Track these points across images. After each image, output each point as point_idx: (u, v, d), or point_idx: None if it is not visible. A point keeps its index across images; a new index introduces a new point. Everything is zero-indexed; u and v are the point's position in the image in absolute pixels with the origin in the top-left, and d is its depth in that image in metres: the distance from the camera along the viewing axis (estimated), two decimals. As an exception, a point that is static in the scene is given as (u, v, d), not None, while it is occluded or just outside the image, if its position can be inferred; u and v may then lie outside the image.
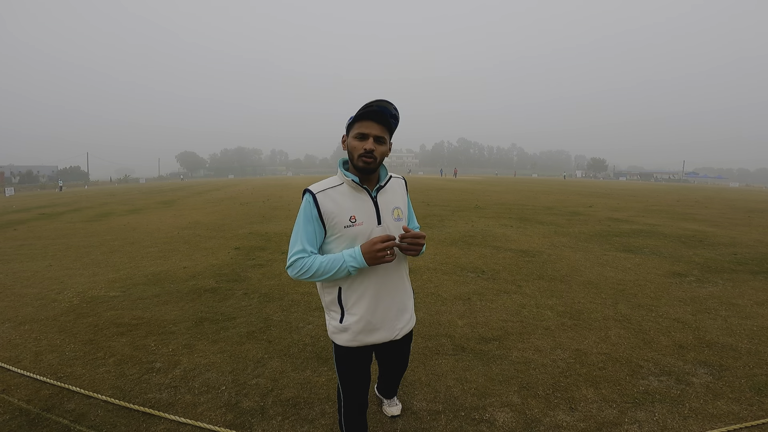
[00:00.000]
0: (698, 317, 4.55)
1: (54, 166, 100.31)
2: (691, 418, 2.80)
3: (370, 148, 1.84)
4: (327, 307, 2.06)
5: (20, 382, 3.30)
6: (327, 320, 2.08)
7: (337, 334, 2.02)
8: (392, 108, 1.85)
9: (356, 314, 1.98)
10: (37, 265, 7.42)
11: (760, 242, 9.10)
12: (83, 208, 19.83)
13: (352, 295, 1.97)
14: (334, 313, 2.02)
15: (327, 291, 2.02)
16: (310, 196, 1.90)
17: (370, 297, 1.98)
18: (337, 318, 2.00)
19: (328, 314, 2.07)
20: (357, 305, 1.98)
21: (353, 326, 1.99)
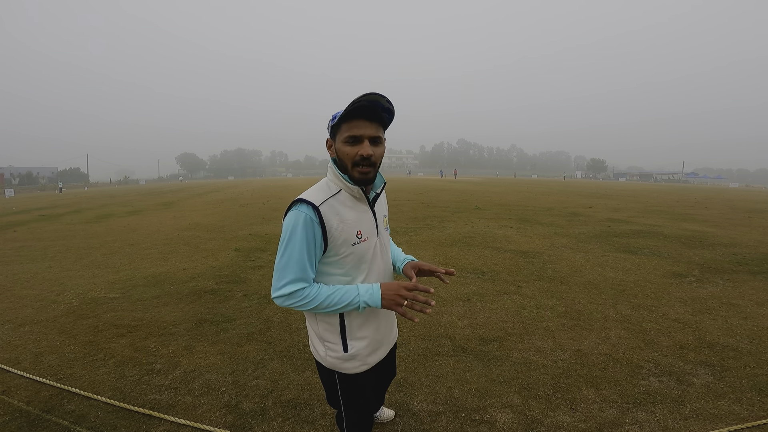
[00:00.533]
0: (698, 317, 4.55)
1: (54, 167, 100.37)
2: (692, 418, 2.79)
3: (368, 153, 1.54)
4: (321, 337, 1.75)
5: (20, 384, 3.30)
6: (321, 352, 1.77)
7: (343, 363, 1.74)
8: (385, 101, 1.52)
9: (365, 338, 1.75)
10: (36, 266, 7.42)
11: (760, 242, 9.10)
12: (83, 209, 19.83)
13: (357, 320, 1.72)
14: (331, 344, 1.73)
15: (323, 319, 1.72)
16: (310, 209, 1.56)
17: (374, 316, 1.78)
18: (339, 347, 1.72)
19: (323, 345, 1.75)
20: (363, 328, 1.75)
21: (362, 351, 1.75)
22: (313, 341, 1.83)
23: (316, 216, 1.55)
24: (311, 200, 1.58)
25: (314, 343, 1.81)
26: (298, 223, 1.55)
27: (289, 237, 1.56)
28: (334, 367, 1.77)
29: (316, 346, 1.80)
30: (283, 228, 1.60)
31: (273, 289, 1.60)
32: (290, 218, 1.58)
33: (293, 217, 1.57)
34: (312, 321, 1.78)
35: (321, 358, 1.79)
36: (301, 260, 1.55)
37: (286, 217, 1.60)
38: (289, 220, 1.58)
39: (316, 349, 1.81)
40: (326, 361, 1.77)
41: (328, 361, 1.77)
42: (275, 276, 1.59)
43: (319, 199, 1.59)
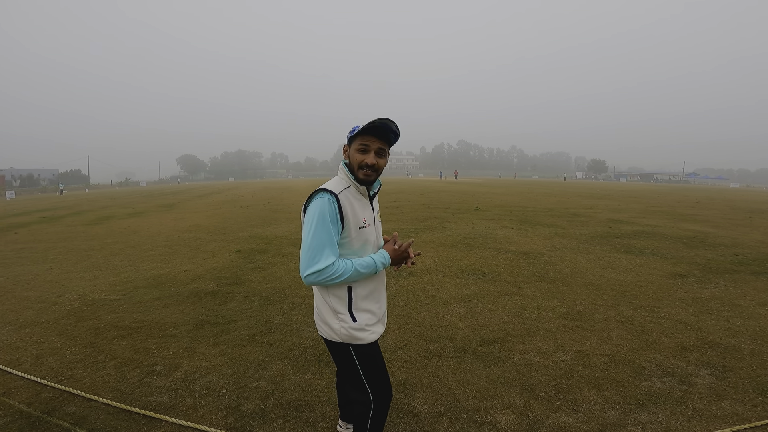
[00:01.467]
0: (700, 318, 4.54)
1: (55, 169, 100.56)
2: (695, 419, 2.78)
3: (372, 162, 1.91)
4: (334, 309, 1.98)
5: (21, 385, 3.29)
6: (335, 325, 1.98)
7: (356, 332, 1.97)
8: (394, 126, 1.91)
9: (368, 310, 2.01)
10: (37, 268, 7.42)
11: (762, 243, 9.08)
12: (84, 211, 19.85)
13: (362, 292, 1.99)
14: (343, 315, 1.96)
15: (335, 293, 1.97)
16: (332, 196, 1.87)
17: (377, 292, 2.08)
18: (349, 319, 1.96)
19: (335, 318, 1.98)
20: (366, 301, 2.00)
21: (369, 320, 2.00)
22: (325, 318, 2.01)
23: (336, 202, 1.86)
24: (331, 189, 1.89)
25: (326, 318, 2.00)
26: (324, 207, 1.83)
27: (318, 219, 1.82)
28: (349, 339, 1.98)
29: (329, 320, 1.99)
30: (309, 213, 1.86)
31: (305, 268, 1.81)
32: (317, 204, 1.85)
33: (319, 202, 1.84)
34: (325, 295, 2.00)
35: (335, 331, 1.98)
36: (330, 238, 1.83)
37: (312, 203, 1.87)
38: (315, 205, 1.85)
39: (328, 325, 2.00)
40: (340, 334, 1.97)
41: (341, 333, 1.97)
42: (306, 256, 1.82)
43: (337, 189, 1.91)
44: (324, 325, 2.02)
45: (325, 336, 2.04)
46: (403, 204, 18.11)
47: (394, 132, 1.94)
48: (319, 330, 2.07)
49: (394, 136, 1.96)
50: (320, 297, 2.03)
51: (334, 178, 2.02)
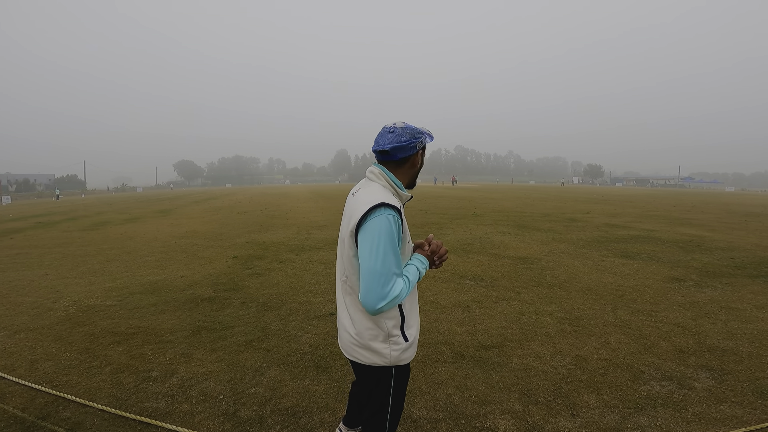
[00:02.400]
0: (698, 322, 4.54)
1: (51, 174, 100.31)
2: (695, 422, 2.78)
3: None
4: (389, 334, 1.78)
5: (15, 391, 3.26)
6: (385, 351, 1.79)
7: (403, 354, 1.82)
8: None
9: (414, 324, 1.89)
10: (33, 273, 7.37)
11: (758, 246, 9.12)
12: (80, 217, 19.77)
13: (407, 306, 1.83)
14: (396, 338, 1.79)
15: (388, 316, 1.77)
16: (396, 213, 1.68)
17: (415, 301, 1.95)
18: (401, 339, 1.80)
19: (387, 343, 1.78)
20: (413, 315, 1.88)
21: (415, 337, 1.88)
22: (369, 345, 1.79)
23: (399, 218, 1.70)
24: (394, 204, 1.70)
25: (373, 344, 1.79)
26: (392, 225, 1.65)
27: (387, 239, 1.63)
28: (396, 361, 1.81)
29: (377, 347, 1.79)
30: (374, 232, 1.63)
31: (377, 298, 1.60)
32: (381, 221, 1.64)
33: (384, 220, 1.64)
34: (379, 320, 1.77)
35: (383, 358, 1.79)
36: (398, 259, 1.67)
37: (374, 221, 1.65)
38: (380, 223, 1.64)
39: (375, 351, 1.79)
40: (389, 358, 1.80)
41: (392, 357, 1.80)
42: (377, 283, 1.60)
43: (397, 203, 1.75)
44: (367, 352, 1.80)
45: (367, 362, 1.82)
46: (401, 209, 18.10)
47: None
48: (356, 355, 1.83)
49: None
50: (366, 321, 1.78)
51: (379, 187, 1.78)
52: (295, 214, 17.70)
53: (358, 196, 1.79)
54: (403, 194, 1.84)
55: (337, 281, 1.93)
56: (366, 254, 1.62)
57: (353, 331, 1.81)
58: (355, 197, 1.80)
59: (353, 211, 1.72)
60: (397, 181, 1.81)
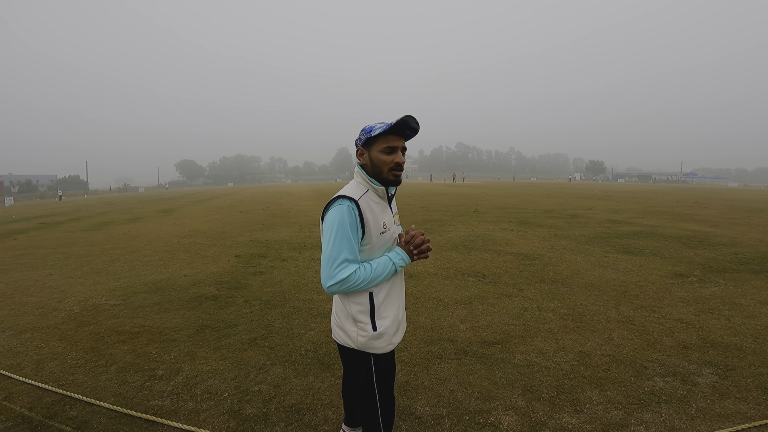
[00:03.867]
0: (701, 317, 4.54)
1: (53, 175, 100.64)
2: (699, 418, 2.78)
3: (402, 161, 1.89)
4: (355, 318, 1.93)
5: (22, 390, 3.29)
6: (353, 333, 1.94)
7: (373, 341, 1.93)
8: (414, 122, 1.86)
9: (388, 316, 1.96)
10: (37, 274, 7.41)
11: (761, 241, 9.09)
12: (83, 217, 19.83)
13: (380, 296, 1.93)
14: (363, 324, 1.92)
15: (355, 300, 1.91)
16: (352, 203, 1.82)
17: (394, 294, 2.01)
18: (369, 326, 1.92)
19: (355, 326, 1.93)
20: (387, 308, 1.96)
21: (388, 330, 1.96)
22: (343, 325, 1.97)
23: (356, 208, 1.82)
24: (351, 195, 1.84)
25: (344, 326, 1.97)
26: (344, 214, 1.79)
27: (338, 226, 1.78)
28: (366, 347, 1.94)
29: (347, 328, 1.96)
30: (329, 221, 1.81)
31: (326, 279, 1.77)
32: (336, 211, 1.80)
33: (338, 210, 1.80)
34: (346, 303, 1.94)
35: (352, 339, 1.95)
36: (350, 245, 1.78)
37: (331, 211, 1.82)
38: (334, 213, 1.80)
39: (346, 333, 1.96)
40: (357, 342, 1.94)
41: (359, 341, 1.93)
42: (327, 265, 1.77)
43: (357, 195, 1.86)
44: (340, 331, 1.99)
45: (340, 342, 2.00)
46: (402, 207, 18.10)
47: (414, 128, 1.90)
48: (334, 335, 2.04)
49: (411, 132, 1.93)
50: (339, 302, 1.99)
51: (351, 183, 1.96)
52: (296, 212, 17.71)
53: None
54: (379, 188, 1.91)
55: None
56: (323, 241, 1.82)
57: (333, 311, 2.05)
58: None
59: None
60: (370, 178, 1.92)
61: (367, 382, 2.01)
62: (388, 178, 1.90)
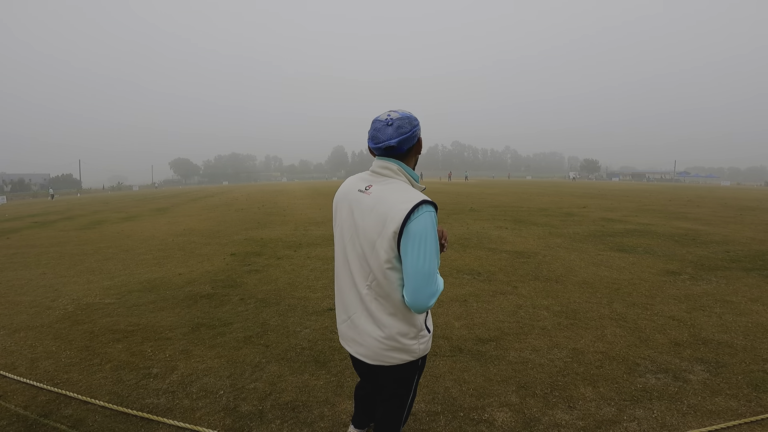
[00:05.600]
0: (693, 315, 4.59)
1: (46, 173, 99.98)
2: (690, 414, 2.81)
3: None
4: (420, 328, 1.78)
5: (17, 389, 3.28)
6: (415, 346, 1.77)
7: (428, 343, 1.85)
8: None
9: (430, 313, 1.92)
10: (30, 273, 7.37)
11: (753, 239, 9.18)
12: (76, 216, 19.73)
13: None
14: (423, 331, 1.81)
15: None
16: (435, 210, 1.67)
17: None
18: (426, 332, 1.82)
19: (417, 338, 1.78)
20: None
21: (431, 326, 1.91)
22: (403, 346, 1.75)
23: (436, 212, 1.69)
24: (431, 200, 1.66)
25: (405, 345, 1.75)
26: (434, 222, 1.64)
27: (432, 238, 1.60)
28: (425, 352, 1.83)
29: (407, 344, 1.75)
30: (420, 230, 1.58)
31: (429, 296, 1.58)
32: (427, 220, 1.60)
33: (429, 218, 1.61)
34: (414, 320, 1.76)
35: (413, 353, 1.77)
36: (438, 255, 1.68)
37: (421, 219, 1.59)
38: (426, 222, 1.59)
39: (406, 351, 1.76)
40: (418, 352, 1.79)
41: (420, 350, 1.79)
42: (425, 281, 1.57)
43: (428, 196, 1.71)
44: (397, 353, 1.75)
45: (395, 363, 1.77)
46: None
47: None
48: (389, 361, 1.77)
49: None
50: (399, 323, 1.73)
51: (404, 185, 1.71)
52: (292, 211, 17.70)
53: (382, 194, 1.67)
54: (419, 187, 1.77)
55: (349, 285, 1.80)
56: (413, 255, 1.57)
57: (382, 335, 1.73)
58: (379, 196, 1.67)
59: (388, 211, 1.61)
60: (414, 175, 1.76)
61: (406, 388, 1.89)
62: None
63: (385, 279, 1.66)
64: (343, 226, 1.81)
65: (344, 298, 1.84)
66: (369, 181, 1.75)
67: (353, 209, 1.74)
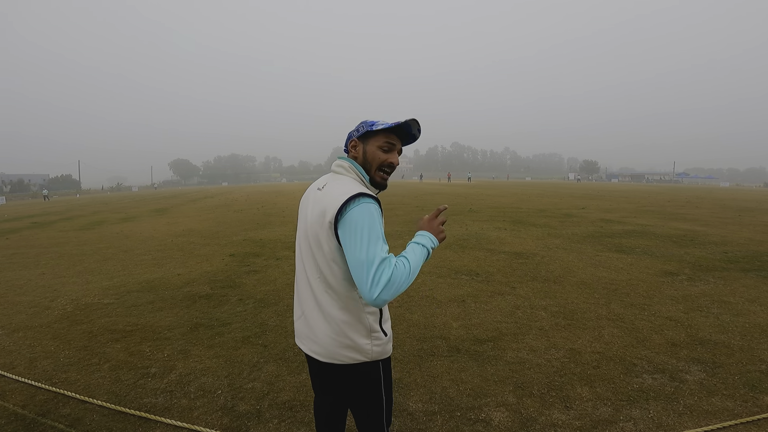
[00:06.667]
0: (690, 315, 4.60)
1: (45, 174, 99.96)
2: (686, 414, 2.82)
3: (396, 162, 1.76)
4: (370, 329, 1.72)
5: (15, 388, 3.29)
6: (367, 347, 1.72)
7: (385, 346, 1.77)
8: (417, 127, 1.76)
9: (389, 317, 1.82)
10: (29, 273, 7.38)
11: (751, 240, 9.20)
12: (75, 216, 19.72)
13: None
14: (376, 333, 1.74)
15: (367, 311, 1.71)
16: (375, 201, 1.62)
17: None
18: (380, 334, 1.74)
19: (369, 339, 1.72)
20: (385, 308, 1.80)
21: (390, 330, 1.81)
22: (356, 342, 1.71)
23: (380, 206, 1.63)
24: (371, 194, 1.63)
25: (358, 342, 1.71)
26: (373, 212, 1.57)
27: (369, 227, 1.54)
28: (381, 355, 1.75)
29: (359, 343, 1.71)
30: (354, 222, 1.55)
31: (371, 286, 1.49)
32: (364, 210, 1.56)
33: (367, 208, 1.56)
34: (362, 317, 1.71)
35: (365, 353, 1.72)
36: (385, 245, 1.56)
37: (356, 210, 1.56)
38: (363, 212, 1.56)
39: (357, 350, 1.71)
40: (372, 353, 1.73)
41: (374, 352, 1.73)
42: (365, 272, 1.50)
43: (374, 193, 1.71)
44: (349, 351, 1.70)
45: (347, 362, 1.72)
46: (397, 206, 18.13)
47: (413, 135, 1.80)
48: (341, 359, 1.72)
49: (411, 138, 1.82)
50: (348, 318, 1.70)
51: (350, 180, 1.71)
52: (291, 211, 17.69)
53: (327, 189, 1.69)
54: (372, 189, 1.76)
55: (303, 281, 1.79)
56: (350, 246, 1.54)
57: (332, 331, 1.71)
58: (327, 191, 1.69)
59: (327, 204, 1.62)
60: (365, 175, 1.75)
61: (374, 392, 1.81)
62: (375, 178, 1.75)
63: (330, 272, 1.67)
64: (299, 225, 1.84)
65: (299, 294, 1.83)
66: (326, 180, 1.77)
67: (308, 207, 1.76)
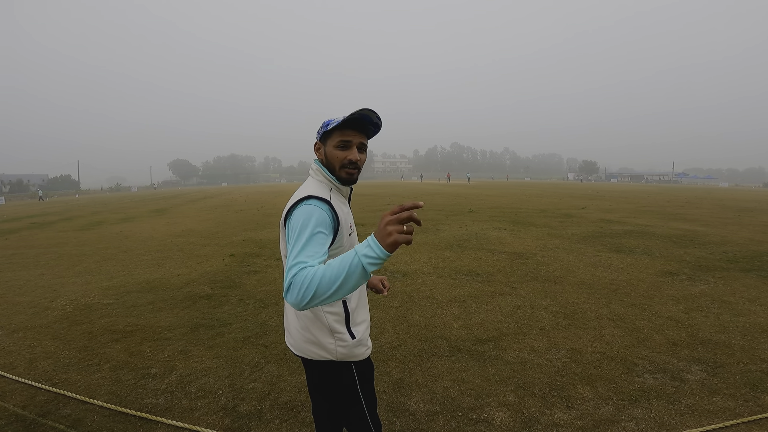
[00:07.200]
0: (691, 315, 4.60)
1: (44, 174, 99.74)
2: (688, 414, 2.82)
3: (356, 158, 1.71)
4: (331, 329, 1.72)
5: (15, 389, 3.28)
6: (331, 346, 1.73)
7: (353, 350, 1.76)
8: (375, 116, 1.67)
9: (363, 321, 1.82)
10: (29, 273, 7.36)
11: (751, 240, 9.20)
12: (75, 217, 19.70)
13: (353, 301, 1.77)
14: (341, 335, 1.73)
15: (330, 310, 1.71)
16: (323, 203, 1.58)
17: (363, 297, 1.86)
18: (347, 336, 1.74)
19: (332, 338, 1.73)
20: (360, 312, 1.81)
21: (363, 335, 1.80)
22: (317, 339, 1.73)
23: (330, 209, 1.59)
24: (320, 196, 1.59)
25: (319, 339, 1.73)
26: (311, 214, 1.51)
27: (302, 228, 1.48)
28: (347, 357, 1.75)
29: (323, 341, 1.73)
30: (292, 224, 1.52)
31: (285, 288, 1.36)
32: (301, 212, 1.52)
33: (305, 210, 1.53)
34: (320, 313, 1.71)
35: (331, 352, 1.73)
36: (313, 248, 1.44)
37: (296, 212, 1.53)
38: (299, 214, 1.52)
39: (321, 347, 1.73)
40: (337, 354, 1.73)
41: (339, 353, 1.73)
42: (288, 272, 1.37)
43: (326, 195, 1.64)
44: (311, 346, 1.74)
45: (313, 357, 1.76)
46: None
47: (375, 123, 1.72)
48: (301, 351, 1.77)
49: (374, 128, 1.75)
50: (308, 315, 1.73)
51: (311, 182, 1.73)
52: (291, 212, 17.66)
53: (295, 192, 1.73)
54: (342, 188, 1.77)
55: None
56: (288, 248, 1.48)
57: (299, 325, 1.76)
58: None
59: (286, 206, 1.65)
60: (331, 176, 1.74)
61: (351, 392, 1.83)
62: (341, 176, 1.73)
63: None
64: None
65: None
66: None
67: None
